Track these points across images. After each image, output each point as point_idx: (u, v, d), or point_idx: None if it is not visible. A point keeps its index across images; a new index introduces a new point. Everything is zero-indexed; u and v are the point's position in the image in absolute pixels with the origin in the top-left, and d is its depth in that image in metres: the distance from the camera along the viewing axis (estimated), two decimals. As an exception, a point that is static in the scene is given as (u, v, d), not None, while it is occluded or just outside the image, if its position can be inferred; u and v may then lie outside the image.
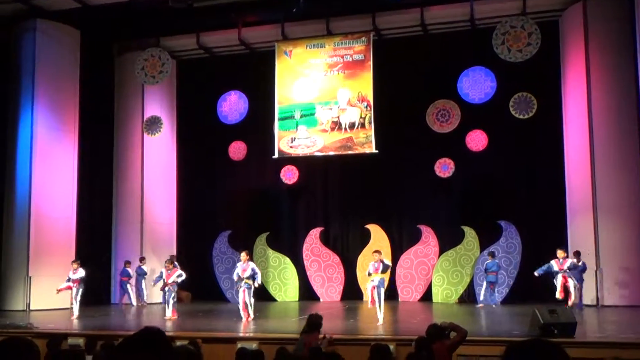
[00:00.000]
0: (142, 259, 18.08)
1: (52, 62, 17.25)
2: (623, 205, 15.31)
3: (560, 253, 14.13)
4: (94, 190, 18.77)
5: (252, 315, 13.12)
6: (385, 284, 13.09)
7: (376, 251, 13.10)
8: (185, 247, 19.91)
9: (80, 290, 14.54)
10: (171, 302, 14.06)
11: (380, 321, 12.16)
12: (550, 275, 14.30)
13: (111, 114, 19.39)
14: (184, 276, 14.55)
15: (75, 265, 14.54)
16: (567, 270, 13.90)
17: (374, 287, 12.56)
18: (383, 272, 12.65)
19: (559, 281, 13.99)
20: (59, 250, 16.65)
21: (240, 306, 13.27)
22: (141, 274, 17.80)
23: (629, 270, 15.18)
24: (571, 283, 14.01)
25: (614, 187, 15.37)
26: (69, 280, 14.50)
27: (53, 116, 17.26)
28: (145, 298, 17.86)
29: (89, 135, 18.34)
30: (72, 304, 14.63)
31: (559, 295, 13.90)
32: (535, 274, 14.62)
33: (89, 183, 18.48)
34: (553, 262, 14.05)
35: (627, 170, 15.31)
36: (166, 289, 14.22)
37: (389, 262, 13.08)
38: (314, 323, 7.30)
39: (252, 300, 13.25)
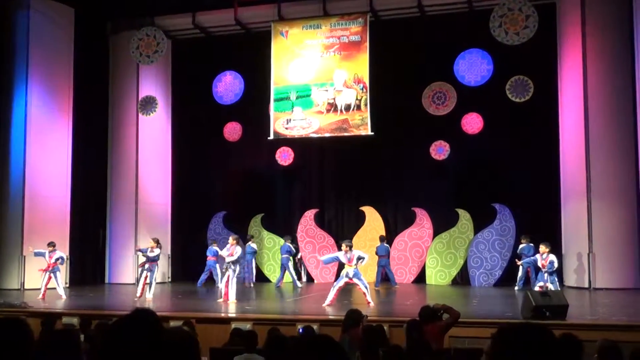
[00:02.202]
0: (250, 237, 17.94)
1: (46, 41, 17.13)
2: (616, 189, 15.37)
3: (542, 248, 13.52)
4: (88, 170, 18.74)
5: (231, 298, 13.10)
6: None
7: (346, 243, 12.96)
8: (180, 228, 19.95)
9: (58, 272, 14.46)
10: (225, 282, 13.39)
11: (372, 302, 12.21)
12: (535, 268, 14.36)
13: (106, 93, 19.30)
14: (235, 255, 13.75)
15: (50, 248, 14.41)
16: (550, 275, 13.26)
17: (346, 283, 12.53)
18: (356, 264, 12.63)
19: (539, 280, 13.66)
20: (53, 229, 16.64)
21: (222, 286, 13.38)
22: (251, 253, 17.63)
23: (621, 253, 15.27)
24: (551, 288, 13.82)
25: (608, 171, 15.42)
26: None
27: (47, 95, 17.18)
28: (253, 278, 17.66)
29: (83, 114, 18.26)
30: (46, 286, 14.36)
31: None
32: (519, 263, 14.73)
33: (83, 163, 18.43)
34: (537, 257, 13.61)
35: (621, 155, 15.34)
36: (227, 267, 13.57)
37: (364, 254, 12.94)
38: (353, 319, 7.19)
39: (234, 283, 13.28)
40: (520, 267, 15.70)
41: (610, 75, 15.51)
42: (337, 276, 18.16)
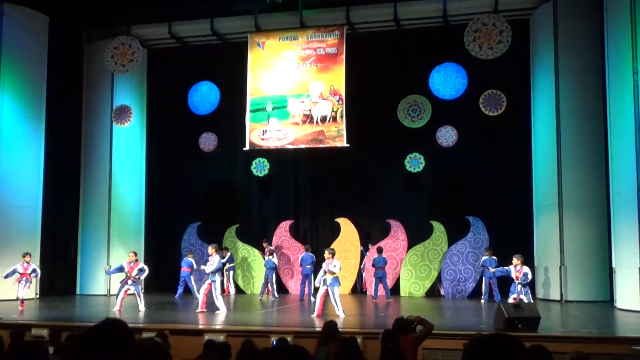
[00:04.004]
0: (272, 252, 17.61)
1: (20, 48, 16.90)
2: (588, 202, 15.59)
3: (516, 260, 13.26)
4: (61, 180, 18.50)
5: (221, 309, 13.01)
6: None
7: (329, 251, 12.96)
8: (154, 239, 19.76)
9: (29, 283, 14.19)
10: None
11: (342, 315, 12.19)
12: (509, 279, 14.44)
13: (80, 102, 19.10)
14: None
15: (28, 258, 14.13)
16: (523, 287, 13.09)
17: (326, 291, 12.57)
18: (332, 272, 12.66)
19: (512, 292, 13.64)
20: (24, 240, 16.36)
21: (200, 298, 13.31)
22: (272, 268, 17.37)
23: (592, 266, 15.45)
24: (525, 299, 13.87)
25: (579, 184, 15.63)
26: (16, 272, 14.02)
27: (20, 104, 16.92)
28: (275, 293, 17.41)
29: (56, 123, 18.03)
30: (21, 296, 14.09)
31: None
32: (493, 271, 14.80)
33: (56, 172, 18.20)
34: (511, 268, 13.33)
35: (592, 168, 15.56)
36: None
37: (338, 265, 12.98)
38: (332, 330, 7.12)
39: (218, 293, 13.16)
40: (483, 280, 15.98)
41: (582, 89, 15.77)
42: (310, 289, 18.25)
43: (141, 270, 13.98)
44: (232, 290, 18.55)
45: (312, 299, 13.20)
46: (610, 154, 14.26)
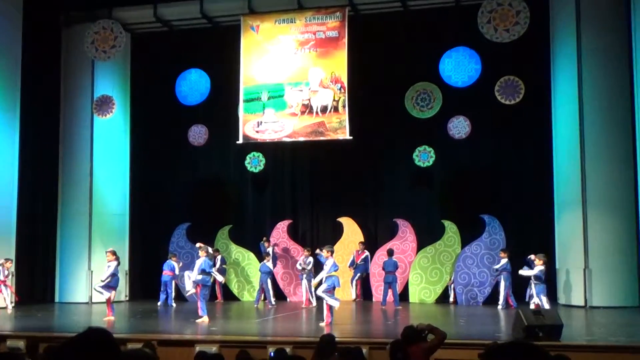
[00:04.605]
0: (269, 253, 17.62)
1: (-9, 34, 16.89)
2: (614, 198, 15.56)
3: (538, 260, 13.99)
4: (38, 178, 18.49)
5: (202, 314, 13.20)
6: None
7: (327, 249, 13.15)
8: (139, 241, 19.76)
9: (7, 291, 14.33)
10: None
11: (328, 320, 12.32)
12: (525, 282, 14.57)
13: (57, 92, 19.07)
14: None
15: (9, 264, 14.26)
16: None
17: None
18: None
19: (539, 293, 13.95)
20: (-2, 243, 16.39)
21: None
22: (266, 272, 17.32)
23: (619, 268, 15.44)
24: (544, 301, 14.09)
25: (605, 179, 15.60)
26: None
27: (-9, 94, 16.92)
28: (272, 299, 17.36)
29: (32, 115, 18.02)
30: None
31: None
32: (521, 273, 14.85)
33: (32, 169, 18.19)
34: (537, 270, 14.00)
35: (619, 162, 15.53)
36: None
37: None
38: (329, 343, 7.12)
39: (202, 298, 13.31)
40: (500, 284, 16.07)
41: (607, 75, 15.73)
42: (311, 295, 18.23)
43: None
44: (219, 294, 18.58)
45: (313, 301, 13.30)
46: (638, 145, 14.24)
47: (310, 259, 16.66)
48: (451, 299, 17.33)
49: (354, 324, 13.71)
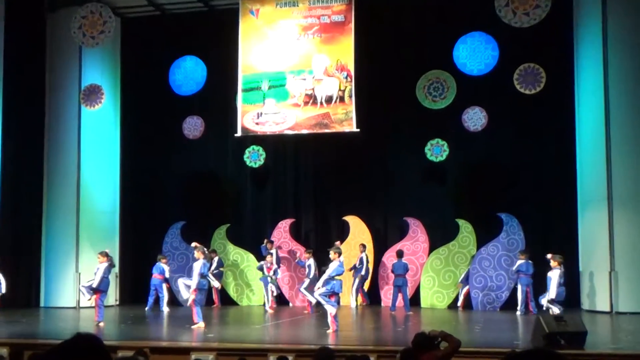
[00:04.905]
0: (270, 253, 17.70)
1: (-29, 18, 16.93)
2: (642, 196, 15.56)
3: (553, 262, 14.13)
4: (21, 173, 18.50)
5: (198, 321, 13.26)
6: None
7: (335, 250, 13.18)
8: (131, 242, 19.78)
9: None
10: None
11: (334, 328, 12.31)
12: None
13: (42, 81, 19.08)
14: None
15: None
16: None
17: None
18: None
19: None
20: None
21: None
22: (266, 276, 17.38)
23: (648, 271, 15.44)
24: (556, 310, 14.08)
25: (633, 175, 15.57)
26: None
27: (-29, 83, 16.96)
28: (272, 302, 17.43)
29: (14, 106, 18.04)
30: None
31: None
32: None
33: (15, 164, 18.20)
34: (558, 272, 14.14)
35: (648, 156, 15.53)
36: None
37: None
38: (326, 357, 7.11)
39: (197, 303, 13.36)
40: (518, 288, 16.01)
41: (635, 61, 15.68)
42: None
43: None
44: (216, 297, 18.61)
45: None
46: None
47: (310, 261, 16.59)
48: (459, 304, 17.29)
49: (361, 331, 13.71)
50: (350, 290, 17.66)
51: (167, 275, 17.56)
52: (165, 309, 17.31)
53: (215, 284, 17.34)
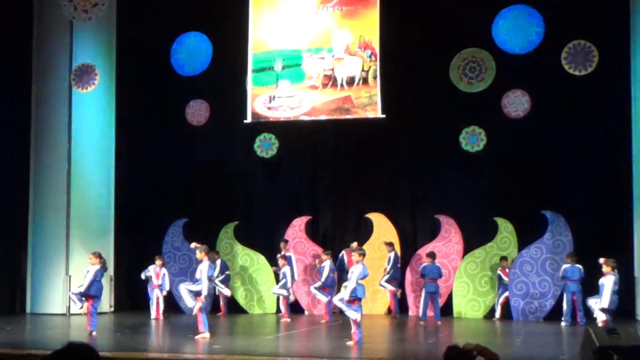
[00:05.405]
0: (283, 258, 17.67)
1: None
2: None
3: (605, 267, 14.07)
4: (4, 164, 18.62)
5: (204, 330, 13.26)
6: None
7: (360, 252, 13.00)
8: (127, 242, 19.86)
9: None
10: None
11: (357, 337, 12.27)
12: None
13: (29, 61, 19.18)
14: None
15: None
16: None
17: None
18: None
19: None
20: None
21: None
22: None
23: None
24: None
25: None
26: None
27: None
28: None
29: (-2, 89, 18.19)
30: None
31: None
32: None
33: (-2, 154, 18.36)
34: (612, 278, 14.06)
35: None
36: None
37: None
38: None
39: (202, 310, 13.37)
40: (564, 296, 16.01)
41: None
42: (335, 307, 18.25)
43: None
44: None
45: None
46: None
47: (326, 263, 16.58)
48: (497, 315, 17.24)
49: (387, 343, 13.70)
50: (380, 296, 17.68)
51: (159, 281, 17.45)
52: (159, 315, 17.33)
53: (226, 291, 17.38)
